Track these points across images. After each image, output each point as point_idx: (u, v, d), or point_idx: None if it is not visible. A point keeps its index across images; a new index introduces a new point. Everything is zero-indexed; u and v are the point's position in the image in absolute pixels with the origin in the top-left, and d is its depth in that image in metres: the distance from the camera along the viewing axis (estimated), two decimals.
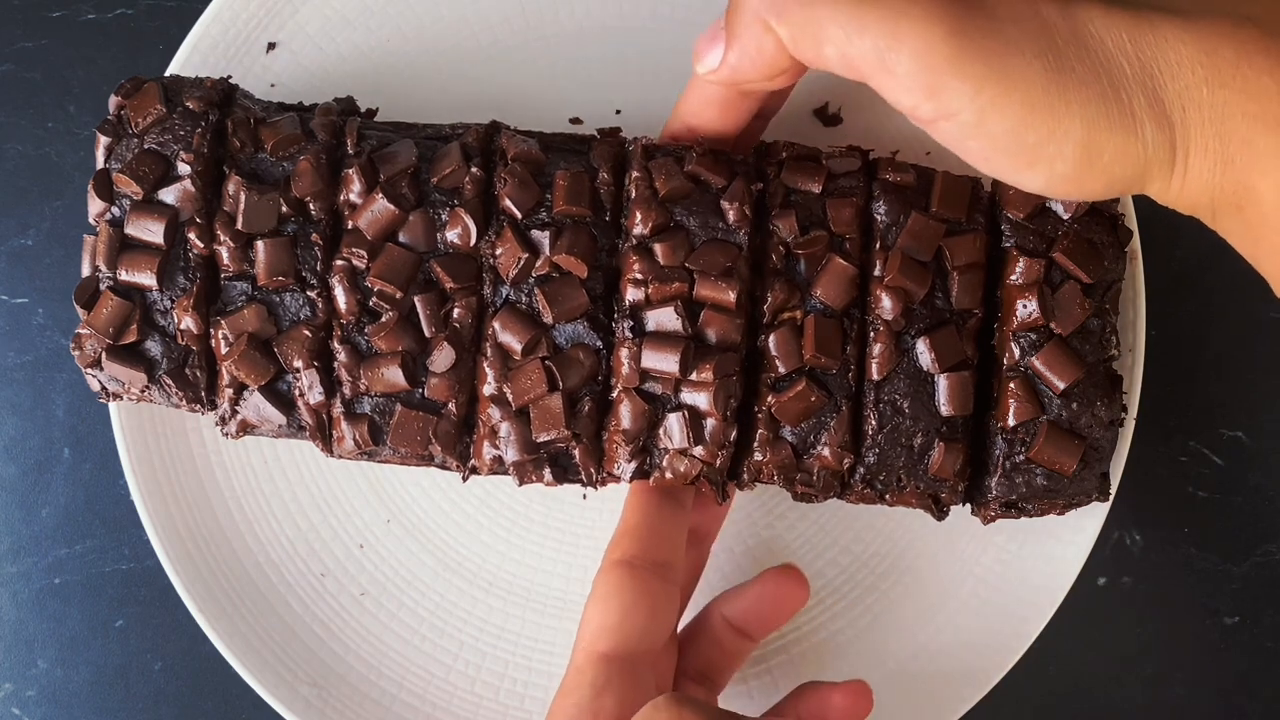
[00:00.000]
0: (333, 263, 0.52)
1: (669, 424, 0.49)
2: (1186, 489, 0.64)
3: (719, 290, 0.49)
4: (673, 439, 0.49)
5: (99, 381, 0.53)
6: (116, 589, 0.65)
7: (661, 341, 0.49)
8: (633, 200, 0.49)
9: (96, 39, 0.66)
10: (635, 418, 0.49)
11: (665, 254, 0.49)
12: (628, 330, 0.49)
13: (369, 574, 0.60)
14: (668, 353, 0.48)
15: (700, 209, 0.50)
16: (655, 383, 0.49)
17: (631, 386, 0.49)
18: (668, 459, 0.50)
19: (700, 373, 0.48)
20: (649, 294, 0.49)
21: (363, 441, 0.53)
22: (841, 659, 0.59)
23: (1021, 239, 0.53)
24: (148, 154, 0.52)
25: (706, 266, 0.49)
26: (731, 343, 0.49)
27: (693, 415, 0.49)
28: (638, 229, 0.49)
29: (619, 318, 0.49)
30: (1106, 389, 0.53)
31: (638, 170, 0.50)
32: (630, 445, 0.49)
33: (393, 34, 0.61)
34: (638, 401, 0.49)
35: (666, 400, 0.49)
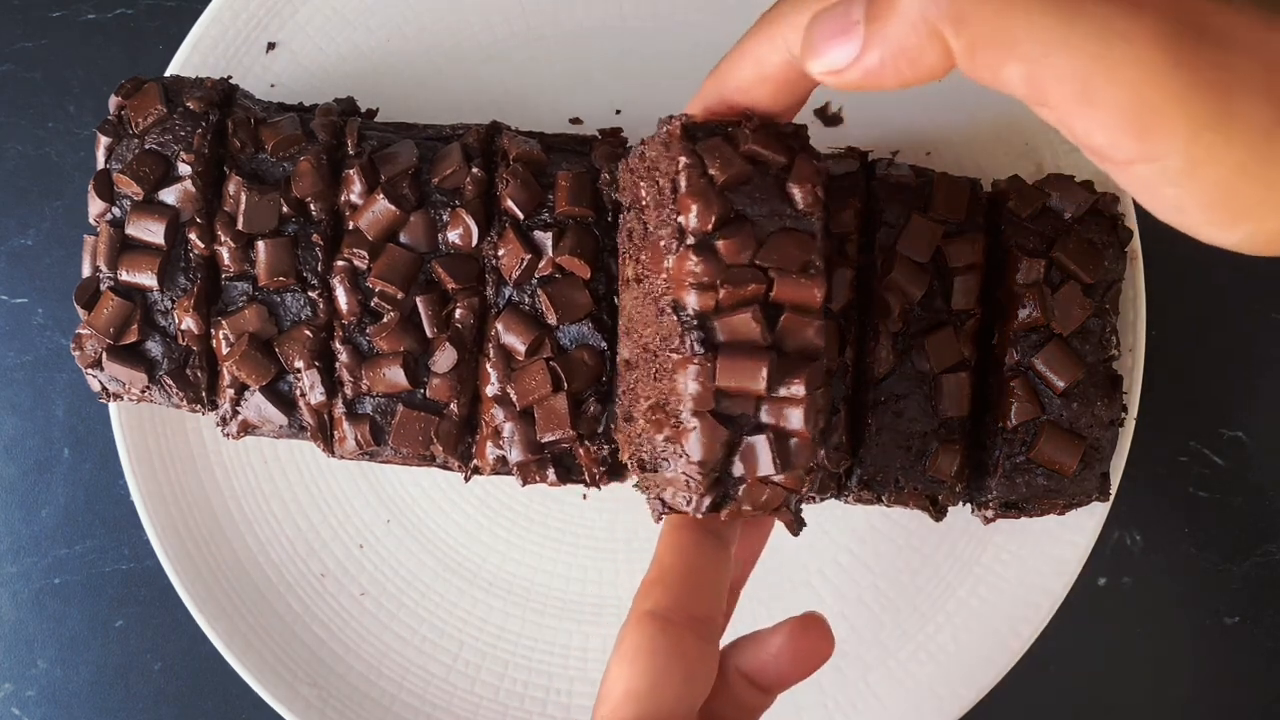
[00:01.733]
0: (333, 263, 0.52)
1: (752, 449, 0.41)
2: (1187, 489, 0.64)
3: (801, 289, 0.41)
4: (757, 465, 0.41)
5: (99, 382, 0.53)
6: (116, 589, 0.65)
7: (740, 354, 0.40)
8: (683, 191, 0.41)
9: (96, 39, 0.66)
10: (711, 445, 0.41)
11: (731, 251, 0.41)
12: (696, 344, 0.40)
13: (369, 574, 0.60)
14: (749, 366, 0.40)
15: (764, 195, 0.42)
16: (731, 402, 0.41)
17: (706, 409, 0.41)
18: (745, 489, 0.42)
19: (790, 386, 0.41)
20: (719, 299, 0.41)
21: (364, 442, 0.53)
22: (841, 658, 0.59)
23: (1022, 239, 0.53)
24: (148, 154, 0.52)
25: (782, 262, 0.41)
26: (817, 349, 0.41)
27: (778, 436, 0.41)
28: (694, 223, 0.41)
29: (683, 333, 0.41)
30: (1107, 389, 0.53)
31: (685, 156, 0.41)
32: (707, 477, 0.41)
33: (393, 34, 0.61)
34: (714, 426, 0.41)
35: (745, 422, 0.41)
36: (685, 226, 0.41)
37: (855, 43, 0.36)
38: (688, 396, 0.41)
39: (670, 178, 0.42)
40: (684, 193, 0.41)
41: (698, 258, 0.41)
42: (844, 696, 0.59)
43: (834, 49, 0.36)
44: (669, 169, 0.42)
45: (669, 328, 0.42)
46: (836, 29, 0.36)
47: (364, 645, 0.60)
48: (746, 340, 0.41)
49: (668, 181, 0.42)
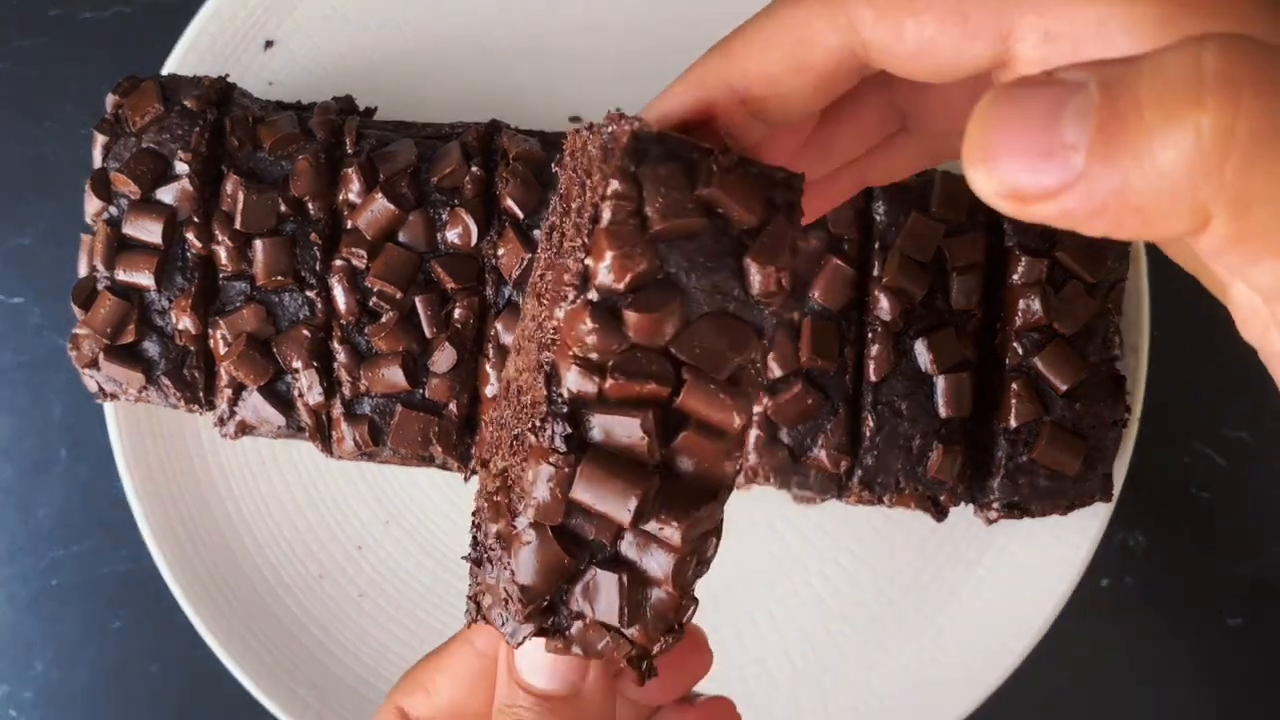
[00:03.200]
0: (332, 262, 0.52)
1: (596, 585, 0.31)
2: (1190, 490, 0.64)
3: (716, 405, 0.30)
4: (595, 606, 0.31)
5: (96, 382, 0.53)
6: (113, 590, 0.64)
7: (612, 467, 0.30)
8: (602, 225, 0.29)
9: (94, 37, 0.66)
10: (545, 573, 0.31)
11: (642, 327, 0.29)
12: (559, 438, 0.30)
13: (367, 575, 0.60)
14: (618, 487, 0.30)
15: (711, 261, 0.30)
16: (586, 521, 0.30)
17: (549, 523, 0.30)
18: (580, 629, 0.31)
19: (665, 525, 0.30)
20: (604, 388, 0.30)
21: (363, 442, 0.52)
22: (842, 660, 0.59)
23: (1024, 238, 0.53)
24: (145, 153, 0.52)
25: (705, 359, 0.30)
26: (720, 482, 0.31)
27: (634, 581, 0.31)
28: (604, 275, 0.29)
29: (547, 415, 0.30)
30: (1109, 389, 0.53)
31: (618, 180, 0.29)
32: (530, 605, 0.31)
33: (392, 32, 0.60)
34: (553, 550, 0.30)
35: (598, 549, 0.31)
36: (591, 274, 0.29)
37: (1062, 173, 0.23)
38: (532, 500, 0.30)
39: (592, 204, 0.30)
40: (602, 228, 0.29)
41: (594, 324, 0.29)
42: (845, 698, 0.59)
43: (1027, 169, 0.24)
44: (596, 188, 0.30)
45: (535, 396, 0.31)
46: (1037, 145, 0.23)
47: (362, 647, 0.59)
48: (626, 450, 0.30)
49: (590, 204, 0.30)
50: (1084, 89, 0.22)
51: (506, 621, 0.32)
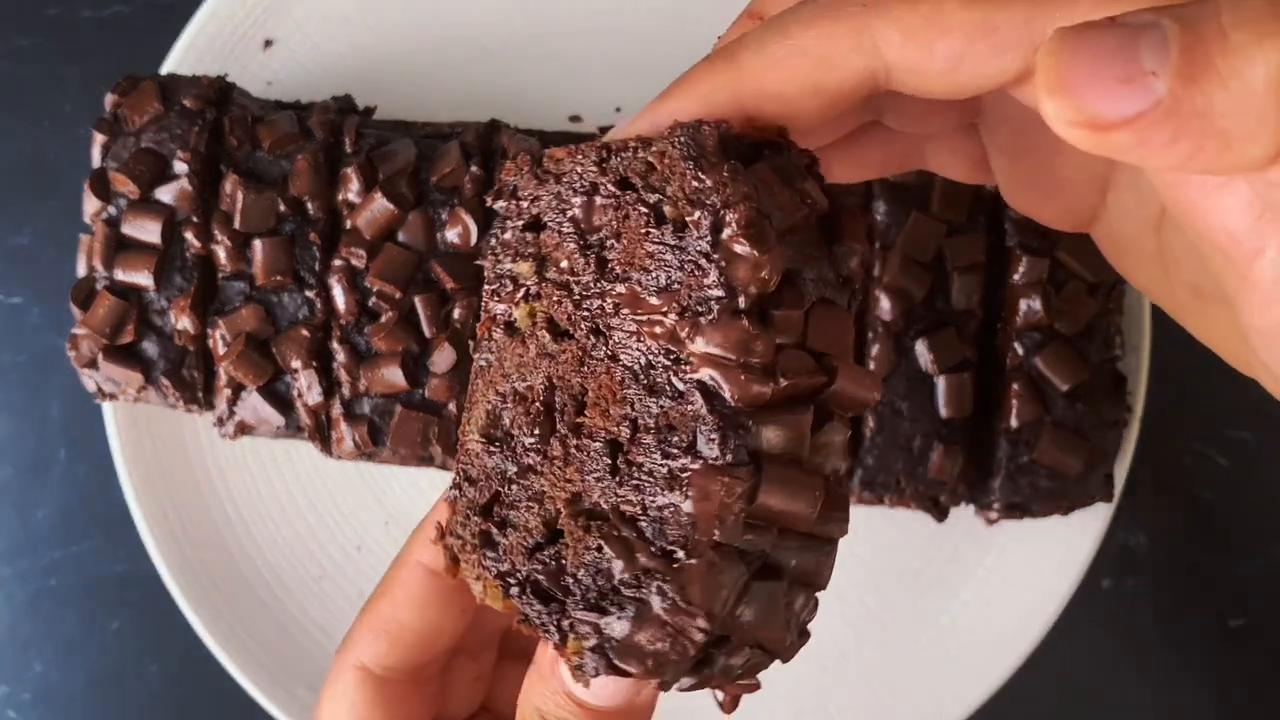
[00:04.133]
0: (331, 262, 0.52)
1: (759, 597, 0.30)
2: (1191, 490, 0.64)
3: (862, 384, 0.30)
4: (762, 624, 0.30)
5: (95, 382, 0.53)
6: (112, 591, 0.64)
7: (786, 474, 0.29)
8: (737, 232, 0.29)
9: (93, 37, 0.66)
10: (726, 589, 0.29)
11: (788, 325, 0.29)
12: (738, 450, 0.29)
13: (366, 576, 0.60)
14: (802, 488, 0.29)
15: (814, 251, 0.31)
16: (756, 535, 0.29)
17: (733, 541, 0.29)
18: (730, 650, 0.30)
19: (830, 524, 0.30)
20: (776, 390, 0.29)
21: (362, 442, 0.52)
22: (843, 662, 0.59)
23: (1025, 238, 0.52)
24: (144, 153, 0.52)
25: (831, 345, 0.30)
26: (839, 474, 0.31)
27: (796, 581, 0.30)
28: (749, 279, 0.29)
29: (716, 430, 0.29)
30: (1111, 389, 0.53)
31: (737, 183, 0.29)
32: (709, 633, 0.29)
33: (391, 31, 0.60)
34: (737, 566, 0.29)
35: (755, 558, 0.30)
36: (734, 283, 0.28)
37: (1142, 99, 0.22)
38: (710, 520, 0.28)
39: (710, 210, 0.29)
40: (739, 234, 0.28)
41: (754, 329, 0.28)
42: (846, 699, 0.58)
43: (1106, 97, 0.23)
44: (701, 196, 0.29)
45: (683, 418, 0.29)
46: (1116, 71, 0.23)
47: None
48: (785, 454, 0.29)
49: (704, 217, 0.29)
50: (1156, 25, 0.22)
51: (664, 664, 0.29)
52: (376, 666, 0.35)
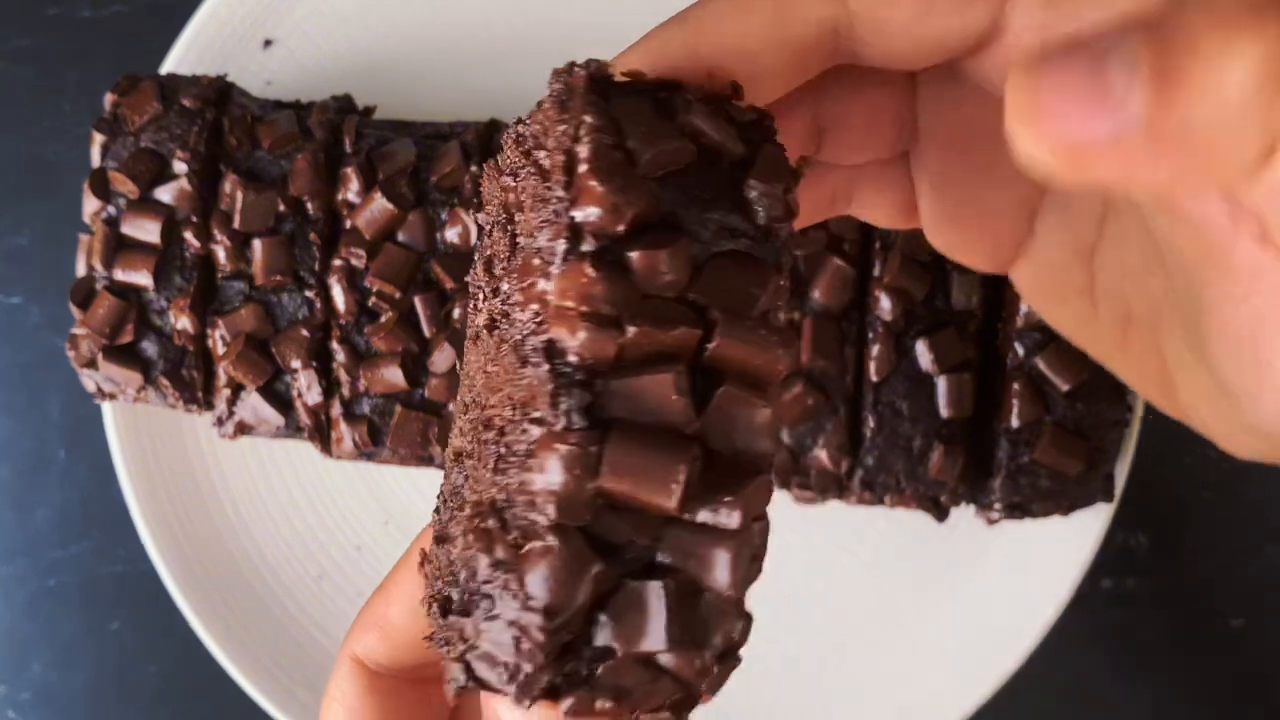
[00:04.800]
0: (331, 262, 0.52)
1: (629, 602, 0.24)
2: (1192, 490, 0.64)
3: (758, 347, 0.25)
4: (630, 634, 0.24)
5: (94, 382, 0.53)
6: (112, 592, 0.64)
7: (646, 442, 0.24)
8: (585, 168, 0.24)
9: (92, 36, 0.66)
10: (572, 584, 0.23)
11: (652, 270, 0.24)
12: (575, 413, 0.24)
13: (366, 576, 0.60)
14: (660, 464, 0.24)
15: (712, 196, 0.26)
16: (617, 521, 0.24)
17: (576, 523, 0.24)
18: (608, 670, 0.24)
19: (719, 509, 0.24)
20: (624, 343, 0.24)
21: (362, 443, 0.52)
22: (842, 659, 0.59)
23: None
24: (144, 152, 0.52)
25: (730, 302, 0.25)
26: (765, 452, 0.25)
27: (683, 591, 0.24)
28: (596, 217, 0.24)
29: (555, 391, 0.24)
30: (1111, 389, 0.53)
31: (591, 114, 0.25)
32: (553, 638, 0.23)
33: (390, 30, 0.60)
34: (583, 555, 0.23)
35: (633, 555, 0.24)
36: (583, 223, 0.24)
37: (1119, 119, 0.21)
38: (548, 496, 0.23)
39: (563, 150, 0.25)
40: (586, 170, 0.24)
41: (598, 273, 0.24)
42: (846, 698, 0.58)
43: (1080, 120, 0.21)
44: (562, 139, 0.25)
45: (533, 385, 0.24)
46: (1088, 95, 0.21)
47: None
48: (659, 420, 0.24)
49: (559, 157, 0.25)
50: (1124, 42, 0.21)
51: (518, 673, 0.24)
52: (369, 660, 0.34)
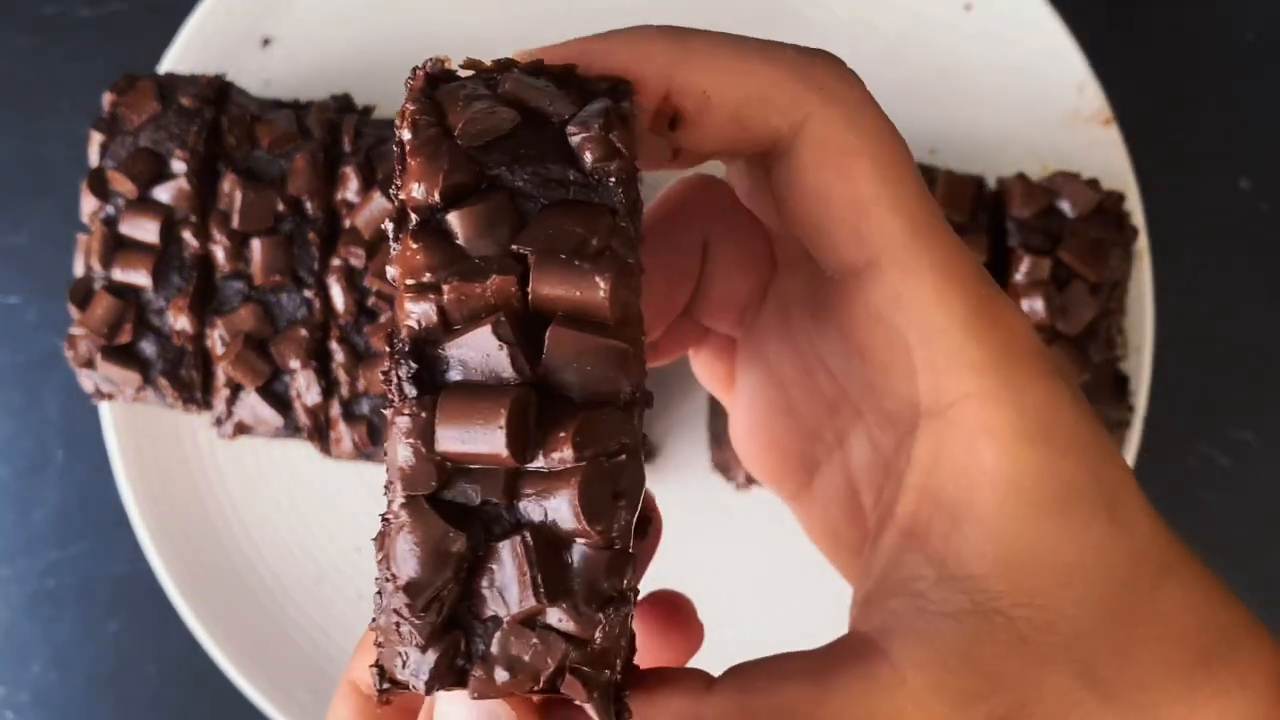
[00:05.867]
0: (330, 262, 0.52)
1: (496, 566, 0.24)
2: (1194, 491, 0.64)
3: (575, 279, 0.24)
4: (506, 596, 0.23)
5: (93, 382, 0.53)
6: (110, 592, 0.64)
7: (475, 396, 0.24)
8: (407, 150, 0.25)
9: (90, 36, 0.66)
10: (428, 556, 0.23)
11: (473, 230, 0.25)
12: (406, 383, 0.24)
13: (365, 577, 0.60)
14: (484, 412, 0.23)
15: (535, 153, 0.26)
16: (468, 484, 0.24)
17: (421, 492, 0.24)
18: (500, 640, 0.24)
19: (552, 450, 0.24)
20: (445, 305, 0.24)
21: (361, 443, 0.52)
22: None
23: (1027, 238, 0.52)
24: (142, 152, 0.52)
25: (553, 244, 0.25)
26: (613, 387, 0.24)
27: (540, 538, 0.23)
28: (416, 193, 0.25)
29: (390, 364, 0.24)
30: (1113, 389, 0.52)
31: (412, 103, 0.26)
32: (425, 617, 0.23)
33: (390, 30, 0.60)
34: (432, 524, 0.23)
35: (494, 517, 0.24)
36: (406, 201, 0.25)
37: None
38: (397, 472, 0.24)
39: (396, 143, 0.26)
40: (409, 151, 0.25)
41: (418, 244, 0.25)
42: None
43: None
44: (398, 133, 0.27)
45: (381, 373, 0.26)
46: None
47: None
48: (491, 375, 0.24)
49: (395, 150, 0.27)
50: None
51: (406, 660, 0.24)
52: (363, 685, 0.34)
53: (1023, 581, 0.25)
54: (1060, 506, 0.25)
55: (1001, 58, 0.58)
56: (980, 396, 0.25)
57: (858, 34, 0.59)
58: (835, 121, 0.26)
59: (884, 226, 0.26)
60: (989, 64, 0.59)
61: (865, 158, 0.26)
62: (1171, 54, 0.65)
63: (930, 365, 0.26)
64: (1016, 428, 0.25)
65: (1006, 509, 0.25)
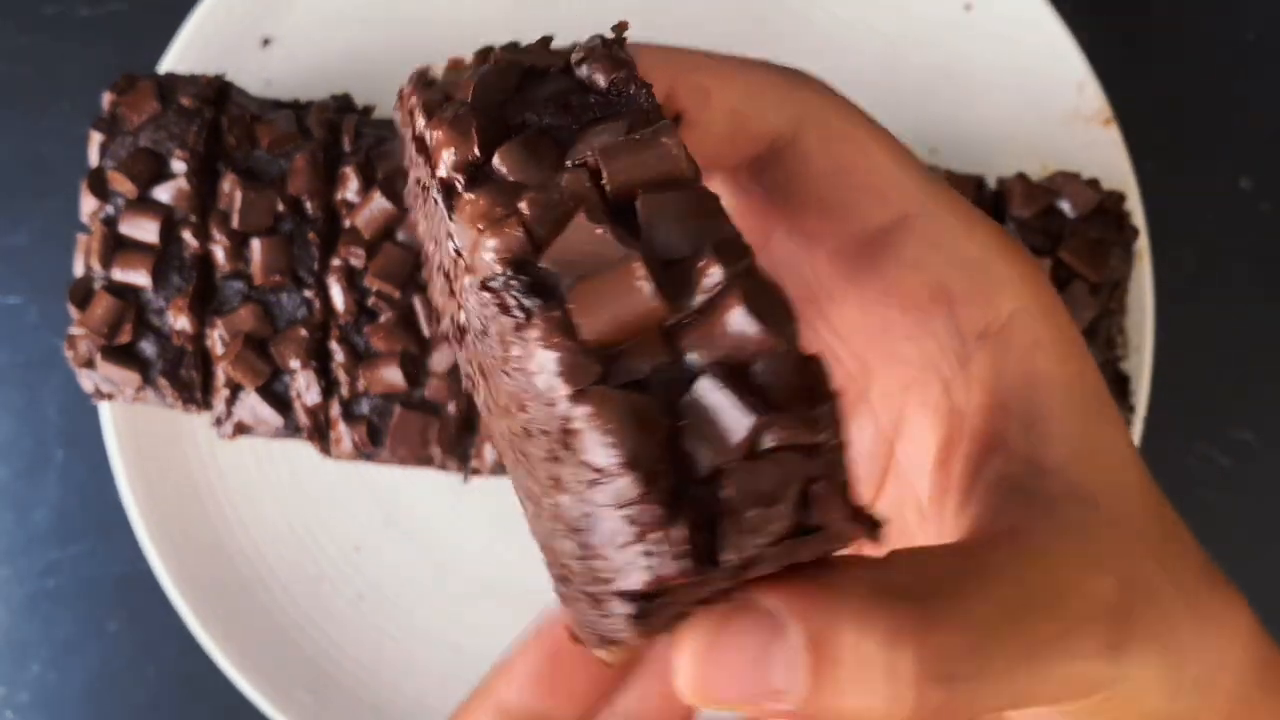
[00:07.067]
0: (330, 262, 0.52)
1: (695, 414, 0.22)
2: (1194, 491, 0.64)
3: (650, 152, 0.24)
4: (717, 438, 0.22)
5: (92, 382, 0.53)
6: (110, 592, 0.64)
7: (593, 282, 0.23)
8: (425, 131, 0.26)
9: (90, 35, 0.66)
10: (630, 430, 0.21)
11: (519, 163, 0.24)
12: (524, 298, 0.23)
13: (365, 577, 0.60)
14: (617, 283, 0.22)
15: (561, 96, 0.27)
16: (632, 357, 0.23)
17: (587, 381, 0.22)
18: (729, 487, 0.22)
19: (700, 277, 0.23)
20: (528, 221, 0.23)
21: (361, 443, 0.52)
22: None
23: (1027, 238, 0.52)
24: (142, 152, 0.52)
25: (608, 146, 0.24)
26: (718, 216, 0.24)
27: (729, 372, 0.22)
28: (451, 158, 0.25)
29: (502, 295, 0.23)
30: (1113, 389, 0.52)
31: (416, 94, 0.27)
32: (656, 488, 0.21)
33: (390, 30, 0.60)
34: (618, 400, 0.22)
35: (669, 377, 0.23)
36: (447, 173, 0.25)
37: (775, 700, 0.23)
38: (548, 380, 0.22)
39: (412, 137, 0.27)
40: (428, 129, 0.25)
41: (474, 193, 0.24)
42: None
43: (740, 700, 0.23)
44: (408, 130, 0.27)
45: (489, 319, 0.24)
46: (748, 684, 0.23)
47: (361, 650, 0.59)
48: (600, 260, 0.23)
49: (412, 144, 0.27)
50: (784, 633, 0.23)
51: (660, 545, 0.21)
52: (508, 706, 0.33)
53: (1096, 473, 0.28)
54: (1099, 407, 0.29)
55: (1001, 58, 0.58)
56: (1026, 313, 0.28)
57: (858, 34, 0.59)
58: (833, 110, 0.29)
59: (904, 186, 0.29)
60: (989, 64, 0.59)
61: (870, 136, 0.29)
62: (1171, 54, 0.65)
63: (976, 293, 0.28)
64: (1057, 340, 0.28)
65: (1069, 410, 0.28)
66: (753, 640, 0.23)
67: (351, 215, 0.52)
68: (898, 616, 0.23)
